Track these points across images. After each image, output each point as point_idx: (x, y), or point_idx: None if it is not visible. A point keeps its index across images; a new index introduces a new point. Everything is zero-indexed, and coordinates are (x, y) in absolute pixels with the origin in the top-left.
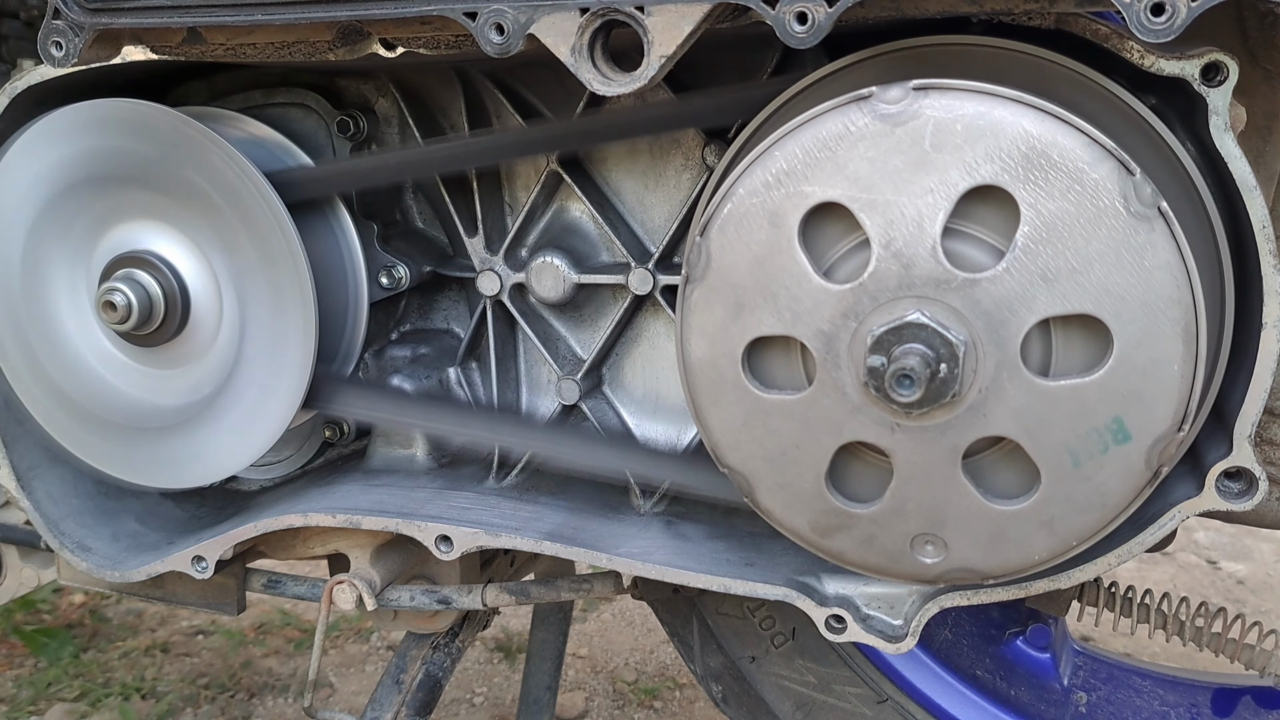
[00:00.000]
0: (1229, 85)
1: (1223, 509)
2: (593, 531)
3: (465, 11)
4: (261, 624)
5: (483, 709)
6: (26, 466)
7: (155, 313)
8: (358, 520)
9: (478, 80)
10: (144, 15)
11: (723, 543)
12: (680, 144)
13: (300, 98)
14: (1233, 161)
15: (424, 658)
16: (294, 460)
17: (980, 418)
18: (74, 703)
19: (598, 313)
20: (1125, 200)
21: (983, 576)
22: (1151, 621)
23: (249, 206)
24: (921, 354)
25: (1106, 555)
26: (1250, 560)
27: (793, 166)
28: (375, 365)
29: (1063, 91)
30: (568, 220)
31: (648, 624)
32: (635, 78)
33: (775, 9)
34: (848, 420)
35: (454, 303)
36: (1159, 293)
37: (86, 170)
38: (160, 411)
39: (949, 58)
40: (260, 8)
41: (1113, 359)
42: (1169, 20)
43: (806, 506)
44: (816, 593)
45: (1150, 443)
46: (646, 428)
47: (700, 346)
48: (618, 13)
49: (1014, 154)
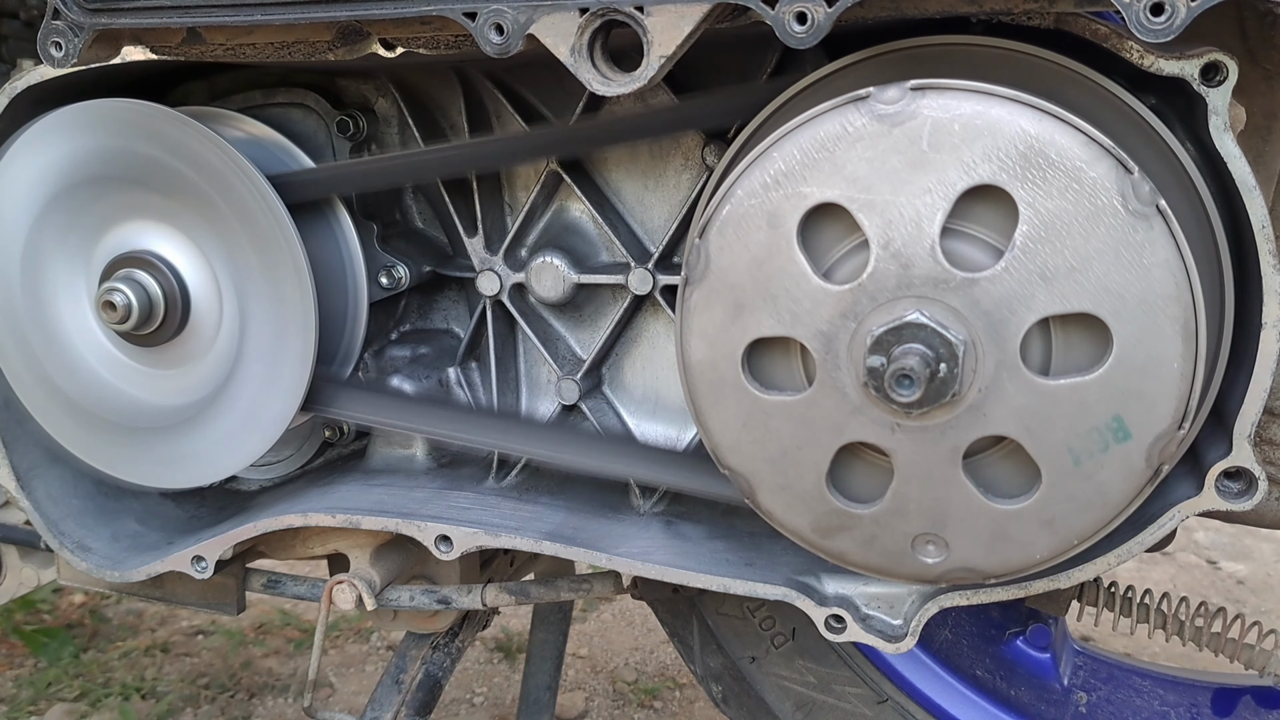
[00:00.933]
0: (1229, 85)
1: (1222, 509)
2: (592, 531)
3: (465, 12)
4: (261, 624)
5: (483, 709)
6: (26, 467)
7: (155, 313)
8: (357, 520)
9: (477, 80)
10: (143, 15)
11: (722, 543)
12: (680, 144)
13: (300, 98)
14: (1232, 161)
15: (424, 658)
16: (293, 460)
17: (980, 417)
18: (74, 703)
19: (597, 313)
20: (1123, 198)
21: (984, 576)
22: (1151, 621)
23: (249, 207)
24: (921, 354)
25: (1106, 555)
26: (1250, 560)
27: (791, 168)
28: (375, 365)
29: (1062, 91)
30: (567, 220)
31: (648, 624)
32: (635, 78)
33: (775, 9)
34: (848, 421)
35: (454, 303)
36: (1158, 291)
37: (86, 171)
38: (160, 411)
39: (948, 58)
40: (260, 8)
41: (1112, 357)
42: (1168, 20)
43: (807, 507)
44: (816, 592)
45: (1151, 441)
46: (646, 427)
47: (700, 348)
48: (617, 13)
49: (1012, 153)
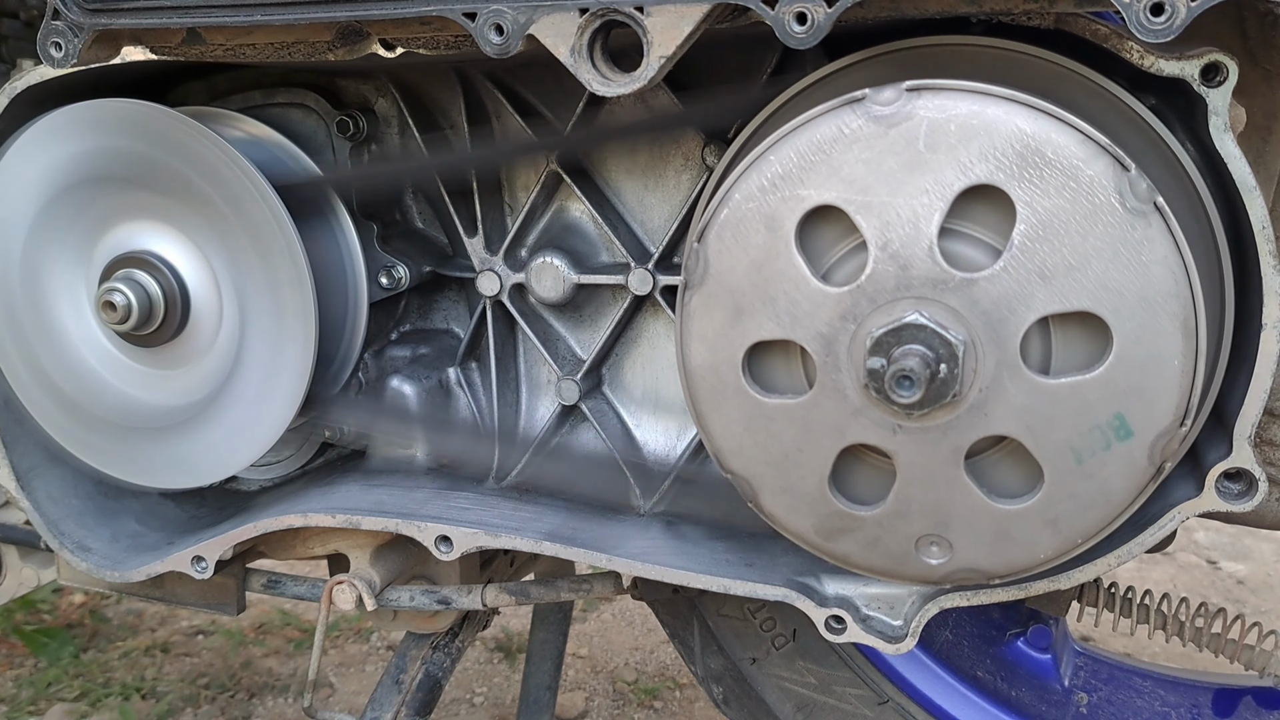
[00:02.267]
0: (1229, 86)
1: (1223, 510)
2: (593, 532)
3: (465, 12)
4: (261, 624)
5: (483, 709)
6: (26, 467)
7: (155, 313)
8: (358, 521)
9: (477, 80)
10: (143, 16)
11: (723, 543)
12: (680, 144)
13: (300, 98)
14: (1232, 162)
15: (424, 658)
16: (293, 460)
17: (982, 417)
18: (74, 703)
19: (597, 313)
20: (1121, 196)
21: (988, 577)
22: (1151, 622)
23: (248, 207)
24: (921, 355)
25: (1106, 556)
26: (1250, 560)
27: (788, 170)
28: (375, 365)
29: (1061, 92)
30: (567, 220)
31: (648, 624)
32: (635, 78)
33: (775, 9)
34: (849, 423)
35: (454, 303)
36: (1157, 288)
37: (86, 171)
38: (160, 411)
39: (948, 58)
40: (260, 8)
41: (1113, 355)
42: (1168, 20)
43: (810, 510)
44: (816, 593)
45: (1153, 438)
46: (646, 428)
47: (700, 352)
48: (617, 13)
49: (1008, 152)
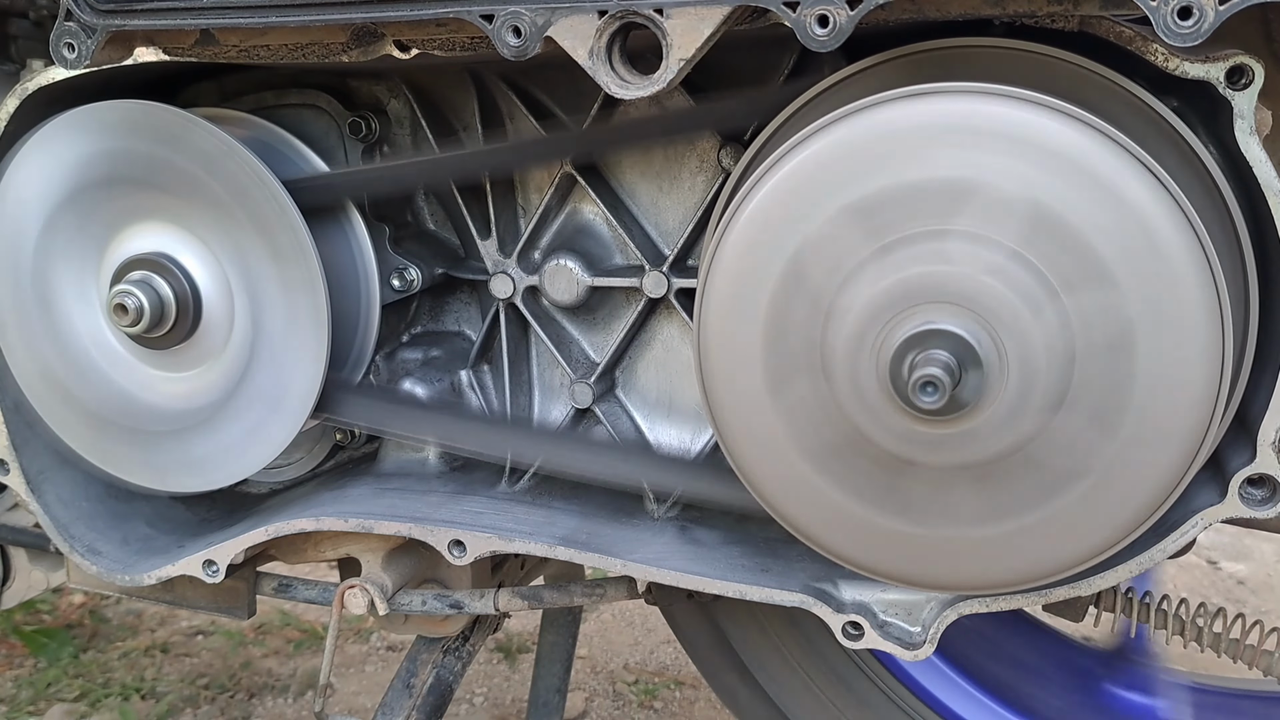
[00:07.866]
0: (1254, 88)
1: (1246, 516)
2: (606, 537)
3: (482, 14)
4: (261, 624)
5: (483, 709)
6: (36, 470)
7: (167, 316)
8: (371, 525)
9: (491, 81)
10: (157, 17)
11: (738, 548)
12: (695, 146)
13: (312, 99)
14: (1257, 165)
15: (434, 662)
16: (305, 463)
17: (1008, 425)
18: (74, 703)
19: (611, 316)
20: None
21: (1014, 584)
22: (1152, 622)
23: (261, 209)
24: (945, 362)
25: (1128, 562)
26: (1250, 560)
27: (808, 176)
28: (387, 368)
29: (1083, 95)
30: (581, 222)
31: (648, 624)
32: (653, 81)
33: (796, 12)
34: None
35: (466, 305)
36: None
37: (97, 172)
38: (172, 415)
39: (969, 60)
40: (275, 10)
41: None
42: (1196, 24)
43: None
44: (833, 599)
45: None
46: (660, 431)
47: (719, 360)
48: (636, 15)
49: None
